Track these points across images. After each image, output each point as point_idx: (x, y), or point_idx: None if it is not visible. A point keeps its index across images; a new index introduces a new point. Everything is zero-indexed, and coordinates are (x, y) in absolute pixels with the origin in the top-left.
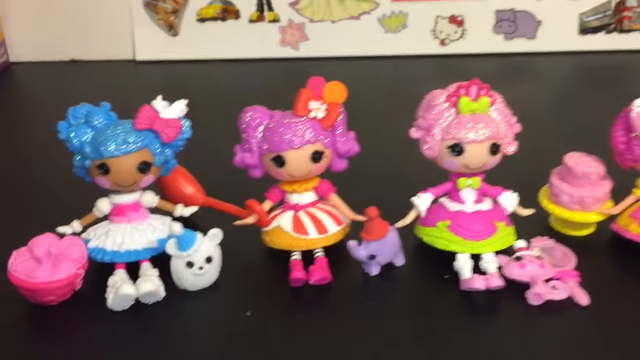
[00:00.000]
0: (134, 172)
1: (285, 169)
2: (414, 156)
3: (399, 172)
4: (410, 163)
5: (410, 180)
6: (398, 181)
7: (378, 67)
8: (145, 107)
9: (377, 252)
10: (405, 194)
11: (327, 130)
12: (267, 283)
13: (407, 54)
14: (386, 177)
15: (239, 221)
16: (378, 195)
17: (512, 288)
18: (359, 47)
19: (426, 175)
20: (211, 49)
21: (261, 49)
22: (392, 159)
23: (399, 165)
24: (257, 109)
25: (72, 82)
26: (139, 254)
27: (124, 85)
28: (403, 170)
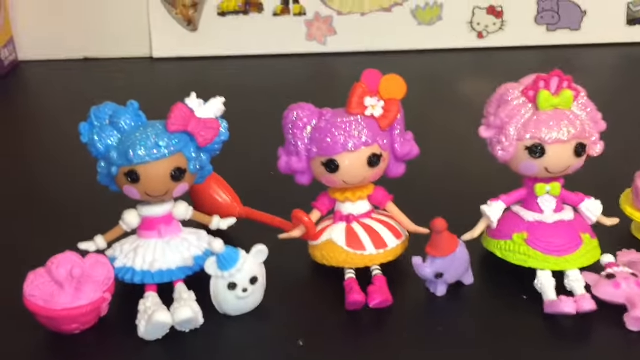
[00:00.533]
0: (167, 180)
1: (338, 175)
2: (467, 156)
3: (454, 175)
4: (464, 165)
5: (470, 186)
6: (454, 186)
7: (411, 63)
8: (178, 105)
9: (445, 270)
10: (465, 201)
11: (385, 130)
12: (319, 306)
13: (442, 48)
14: (440, 182)
15: (284, 234)
16: (433, 203)
17: (604, 311)
18: (391, 41)
19: (486, 178)
20: (233, 44)
21: (286, 44)
22: (443, 161)
23: (452, 168)
24: (304, 106)
25: (85, 82)
26: (173, 274)
27: (140, 84)
28: (458, 173)
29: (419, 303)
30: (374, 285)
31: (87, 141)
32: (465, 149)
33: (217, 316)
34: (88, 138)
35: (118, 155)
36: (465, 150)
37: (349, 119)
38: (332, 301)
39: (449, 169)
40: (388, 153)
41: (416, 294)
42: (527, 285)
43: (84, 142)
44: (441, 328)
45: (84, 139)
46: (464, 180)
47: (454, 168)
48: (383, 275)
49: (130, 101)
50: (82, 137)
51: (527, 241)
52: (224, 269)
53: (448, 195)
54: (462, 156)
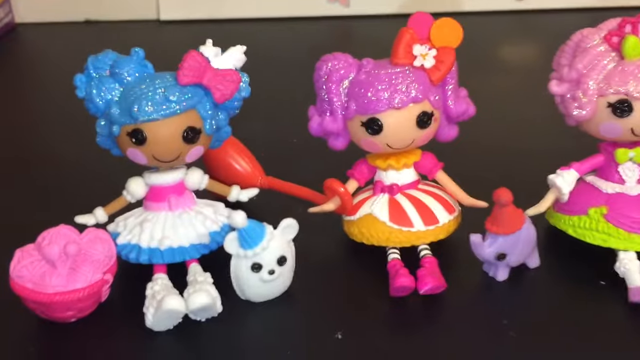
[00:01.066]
0: (178, 141)
1: (381, 137)
2: (514, 126)
3: (508, 143)
4: (511, 135)
5: (523, 157)
6: (510, 154)
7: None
8: (191, 53)
9: (508, 250)
10: (518, 173)
11: (436, 84)
12: (357, 292)
13: (478, 10)
14: (492, 149)
15: (315, 207)
16: (487, 172)
17: None
18: (421, 3)
19: (547, 145)
20: (246, 6)
21: (305, 6)
22: (489, 130)
23: (499, 138)
24: (339, 56)
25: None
26: (186, 253)
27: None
28: (513, 140)
29: (476, 289)
30: (424, 268)
31: (83, 95)
32: (510, 117)
33: (238, 303)
34: (85, 92)
35: (120, 111)
36: (511, 118)
37: (395, 71)
38: (373, 286)
39: (495, 138)
40: (440, 112)
41: (472, 279)
42: (605, 269)
43: (80, 96)
44: (506, 321)
45: (80, 93)
46: (515, 151)
47: (500, 137)
48: (433, 256)
49: (134, 48)
50: (77, 90)
51: (606, 217)
52: (247, 246)
53: (498, 166)
54: (509, 126)
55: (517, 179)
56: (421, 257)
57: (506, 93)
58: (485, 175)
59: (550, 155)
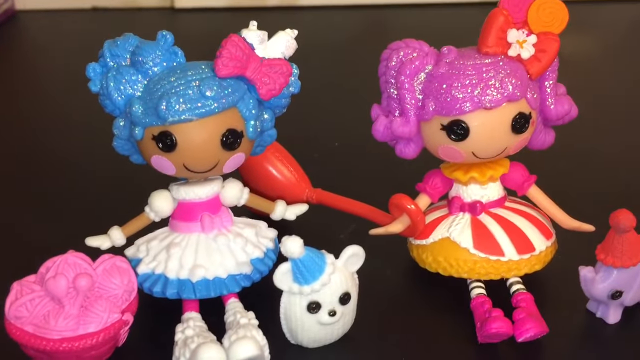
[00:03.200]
0: (216, 147)
1: (466, 144)
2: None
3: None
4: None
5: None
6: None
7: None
8: (232, 38)
9: (625, 287)
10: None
11: (535, 79)
12: (433, 336)
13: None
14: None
15: (379, 229)
16: (590, 176)
17: None
18: None
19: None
20: None
21: None
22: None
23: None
24: (412, 44)
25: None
26: (223, 286)
27: None
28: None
29: (582, 334)
30: (522, 310)
31: (98, 90)
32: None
33: (287, 348)
34: (100, 85)
35: (144, 109)
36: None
37: (484, 62)
38: (452, 329)
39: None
40: (537, 113)
41: (575, 321)
42: None
43: (94, 90)
44: None
45: (94, 86)
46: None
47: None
48: (527, 291)
49: (161, 32)
50: (91, 84)
51: None
52: (303, 282)
53: (604, 180)
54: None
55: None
56: (513, 292)
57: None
58: (585, 191)
59: None
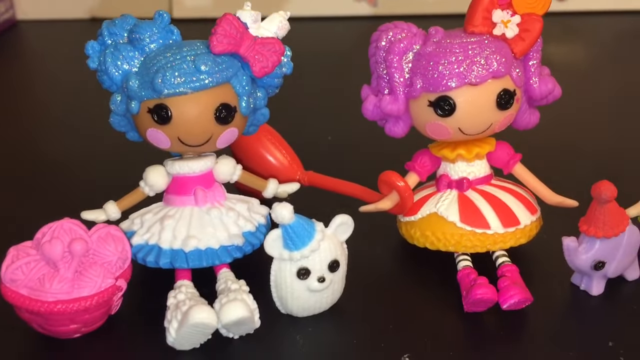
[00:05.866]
0: (210, 121)
1: (453, 120)
2: (575, 126)
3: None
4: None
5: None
6: (576, 152)
7: None
8: (227, 16)
9: (607, 258)
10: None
11: (519, 58)
12: (421, 307)
13: None
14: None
15: (368, 206)
16: (575, 168)
17: None
18: (454, 2)
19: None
20: (267, 4)
21: (331, 5)
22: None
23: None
24: (401, 25)
25: None
26: (215, 256)
27: None
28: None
29: (567, 305)
30: (506, 278)
31: (96, 66)
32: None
33: (278, 317)
34: (98, 61)
35: (140, 83)
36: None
37: (470, 40)
38: (440, 300)
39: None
40: (521, 92)
41: (559, 293)
42: None
43: (92, 67)
44: (612, 343)
45: (93, 63)
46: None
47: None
48: (513, 264)
49: (158, 11)
50: (89, 60)
51: None
52: (293, 247)
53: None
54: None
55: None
56: (498, 265)
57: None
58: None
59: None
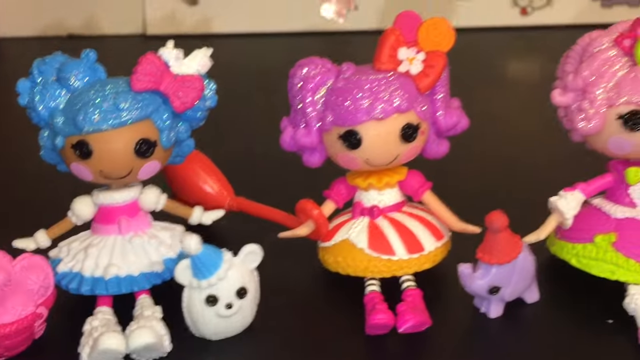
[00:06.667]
0: (129, 155)
1: (360, 152)
2: (513, 144)
3: (510, 162)
4: (510, 153)
5: (534, 172)
6: (514, 174)
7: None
8: (148, 56)
9: (502, 283)
10: (530, 191)
11: (425, 93)
12: (331, 329)
13: (480, 26)
14: (493, 168)
15: (287, 232)
16: (486, 194)
17: None
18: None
19: (554, 164)
20: (237, 20)
21: (299, 21)
22: (485, 149)
23: (496, 157)
24: (316, 61)
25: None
26: (134, 283)
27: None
28: (503, 163)
29: (466, 328)
30: (406, 302)
31: (26, 103)
32: (511, 135)
33: (191, 341)
34: (28, 99)
35: (65, 120)
36: (511, 136)
37: (377, 77)
38: (349, 323)
39: (492, 158)
40: (428, 124)
41: (462, 315)
42: (614, 306)
43: (22, 104)
44: None
45: (22, 100)
46: (511, 170)
47: (498, 157)
48: (418, 288)
49: (85, 51)
50: (20, 98)
51: (615, 245)
52: (200, 276)
53: (498, 187)
54: (507, 143)
55: (518, 201)
56: (403, 289)
57: (508, 109)
58: (484, 197)
59: (556, 175)
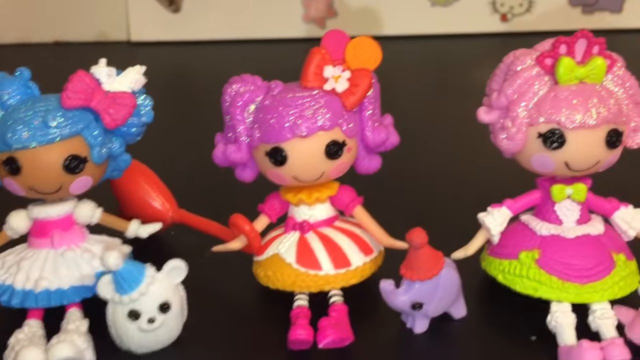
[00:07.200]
0: (58, 171)
1: (286, 169)
2: (476, 155)
3: (454, 177)
4: (469, 165)
5: (471, 189)
6: (452, 190)
7: (423, 50)
8: (78, 73)
9: (425, 299)
10: (464, 208)
11: (351, 110)
12: (258, 344)
13: (460, 32)
14: (435, 185)
15: (220, 246)
16: (423, 211)
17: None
18: (401, 24)
19: (495, 181)
20: (220, 27)
21: (280, 27)
22: (443, 160)
23: (454, 169)
24: (247, 79)
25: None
26: (64, 296)
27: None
28: (460, 174)
29: (390, 343)
30: (328, 318)
31: None
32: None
33: (119, 354)
34: None
35: None
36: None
37: (302, 95)
38: (277, 337)
39: (444, 165)
40: (356, 141)
41: (388, 331)
42: (538, 322)
43: None
44: None
45: None
46: (459, 181)
47: (449, 165)
48: (344, 304)
49: (19, 68)
50: None
51: (538, 262)
52: (122, 291)
53: (438, 200)
54: (464, 153)
55: (452, 216)
56: (330, 304)
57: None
58: (424, 212)
59: (494, 191)
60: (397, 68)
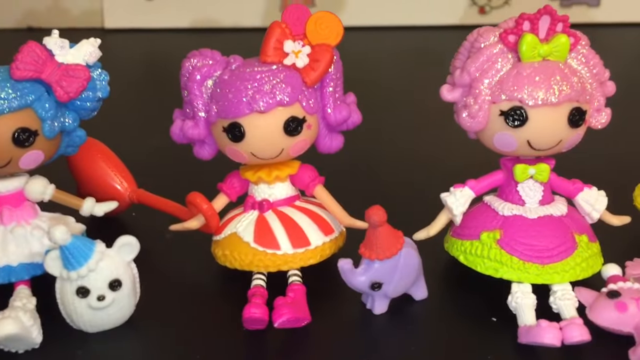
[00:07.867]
0: (7, 144)
1: (244, 145)
2: (443, 137)
3: (421, 159)
4: (436, 147)
5: (437, 170)
6: (419, 171)
7: (401, 41)
8: (29, 44)
9: (384, 279)
10: (429, 189)
11: (312, 86)
12: (213, 324)
13: (437, 24)
14: (400, 167)
15: (177, 225)
16: (387, 192)
17: (603, 342)
18: (378, 16)
19: (460, 161)
20: (196, 15)
21: (258, 17)
22: (411, 144)
23: (421, 152)
24: (205, 53)
25: None
26: (12, 273)
27: None
28: (426, 157)
29: (348, 324)
30: (285, 297)
31: None
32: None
33: (70, 333)
34: None
35: None
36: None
37: (261, 69)
38: (232, 318)
39: (412, 149)
40: (316, 118)
41: (347, 311)
42: (498, 303)
43: None
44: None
45: None
46: (425, 163)
47: (417, 148)
48: (302, 284)
49: None
50: None
51: (499, 242)
52: (70, 267)
53: (402, 182)
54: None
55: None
56: (289, 284)
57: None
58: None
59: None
60: (373, 59)
